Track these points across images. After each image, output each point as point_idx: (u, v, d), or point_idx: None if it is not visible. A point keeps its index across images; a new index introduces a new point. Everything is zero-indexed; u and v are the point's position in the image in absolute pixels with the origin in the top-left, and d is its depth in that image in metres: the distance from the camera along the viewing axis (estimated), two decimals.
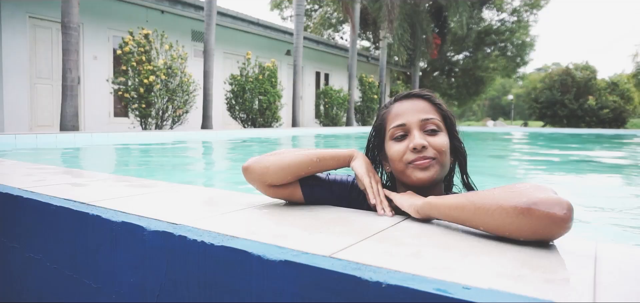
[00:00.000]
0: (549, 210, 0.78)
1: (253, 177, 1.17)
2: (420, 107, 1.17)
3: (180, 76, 9.72)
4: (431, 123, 1.15)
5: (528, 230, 0.81)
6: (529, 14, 26.76)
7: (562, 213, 0.78)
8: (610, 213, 2.81)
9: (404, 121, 1.16)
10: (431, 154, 1.11)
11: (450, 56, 28.08)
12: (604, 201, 3.28)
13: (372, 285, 0.66)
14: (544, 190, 0.82)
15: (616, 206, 3.06)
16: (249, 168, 1.17)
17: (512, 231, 0.84)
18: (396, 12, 17.06)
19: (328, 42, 19.54)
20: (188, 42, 13.26)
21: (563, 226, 0.79)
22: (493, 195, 0.88)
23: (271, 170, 1.14)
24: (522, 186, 0.85)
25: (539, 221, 0.79)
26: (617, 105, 22.13)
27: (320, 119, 16.54)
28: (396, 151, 1.15)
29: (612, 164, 6.32)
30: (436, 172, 1.11)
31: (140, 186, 1.55)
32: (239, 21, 13.92)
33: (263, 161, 1.15)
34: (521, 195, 0.82)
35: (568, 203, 0.79)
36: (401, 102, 1.21)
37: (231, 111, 12.07)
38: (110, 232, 1.07)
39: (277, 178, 1.15)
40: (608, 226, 2.41)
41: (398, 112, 1.19)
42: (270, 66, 12.26)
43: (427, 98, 1.20)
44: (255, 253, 0.80)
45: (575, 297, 0.61)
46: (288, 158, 1.14)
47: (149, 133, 8.28)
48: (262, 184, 1.17)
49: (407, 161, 1.12)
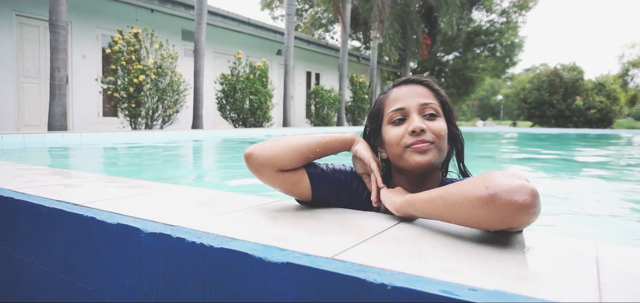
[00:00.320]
0: (510, 197, 0.77)
1: (260, 162, 1.10)
2: (418, 92, 1.16)
3: (171, 76, 9.65)
4: (430, 107, 1.14)
5: (493, 220, 0.80)
6: (517, 15, 27.04)
7: (522, 200, 0.76)
8: (598, 212, 2.84)
9: (403, 105, 1.15)
10: (430, 138, 1.10)
11: (440, 56, 28.26)
12: (596, 200, 3.32)
13: (376, 287, 0.65)
14: (508, 177, 0.81)
15: (607, 205, 3.10)
16: (253, 153, 1.10)
17: (479, 222, 0.83)
18: (387, 12, 17.11)
19: (319, 42, 19.54)
20: (178, 41, 13.16)
21: (525, 212, 0.77)
22: (460, 188, 0.88)
23: (281, 152, 1.09)
24: (487, 175, 0.84)
25: (502, 210, 0.78)
26: (603, 105, 22.45)
27: (311, 119, 16.53)
28: (394, 134, 1.14)
29: (599, 163, 6.41)
30: (434, 156, 1.10)
31: (133, 187, 1.52)
32: (229, 20, 13.86)
33: (270, 145, 1.10)
34: (484, 184, 0.82)
35: (531, 189, 0.77)
36: (399, 87, 1.21)
37: (222, 111, 12.01)
38: (105, 234, 1.05)
39: (287, 160, 1.10)
40: (599, 225, 2.44)
41: (397, 96, 1.18)
42: (261, 65, 12.23)
43: (426, 84, 1.19)
44: (256, 255, 0.79)
45: (582, 297, 0.60)
46: (296, 140, 1.12)
47: (139, 133, 8.20)
48: (270, 169, 1.10)
49: (406, 144, 1.11)
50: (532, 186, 0.78)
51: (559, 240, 0.91)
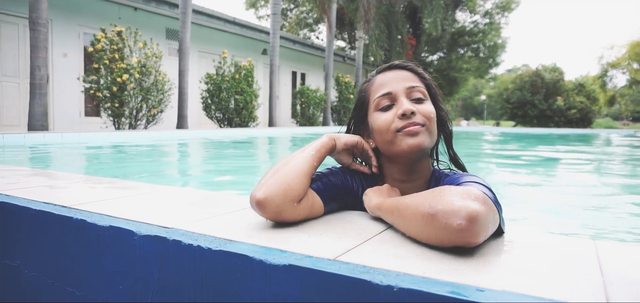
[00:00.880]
0: (446, 219, 0.77)
1: (278, 203, 0.95)
2: (404, 76, 1.14)
3: (155, 75, 9.51)
4: (417, 91, 1.12)
5: (435, 239, 0.80)
6: (500, 16, 27.42)
7: (456, 224, 0.75)
8: (586, 209, 2.88)
9: (390, 90, 1.12)
10: (420, 120, 1.08)
11: (424, 56, 28.48)
12: (582, 198, 3.38)
13: (383, 289, 0.64)
14: (454, 196, 0.80)
15: (593, 203, 3.15)
16: (267, 197, 0.94)
17: (425, 239, 0.82)
18: (373, 12, 17.18)
19: (304, 42, 19.51)
20: (162, 40, 12.99)
21: (461, 236, 0.76)
22: (414, 201, 0.88)
23: (292, 182, 0.98)
24: (437, 193, 0.84)
25: (440, 231, 0.78)
26: (584, 106, 22.92)
27: (297, 119, 16.49)
28: (384, 120, 1.11)
29: (586, 161, 6.53)
30: (426, 139, 1.07)
31: (123, 189, 1.49)
32: (214, 20, 13.74)
33: (276, 181, 0.97)
34: (428, 202, 0.82)
35: (468, 213, 0.75)
36: (384, 73, 1.18)
37: (207, 111, 11.90)
38: (96, 237, 1.02)
39: (301, 187, 0.99)
40: (589, 222, 2.48)
41: (382, 82, 1.15)
42: (247, 65, 12.15)
43: (410, 68, 1.17)
44: (257, 258, 0.77)
45: (589, 297, 0.60)
46: (295, 165, 1.02)
47: (122, 133, 8.07)
48: (290, 204, 0.96)
49: (396, 128, 1.08)
50: (473, 209, 0.76)
51: (559, 239, 0.91)
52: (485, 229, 0.79)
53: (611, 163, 6.55)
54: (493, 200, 0.87)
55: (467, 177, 1.01)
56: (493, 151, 8.30)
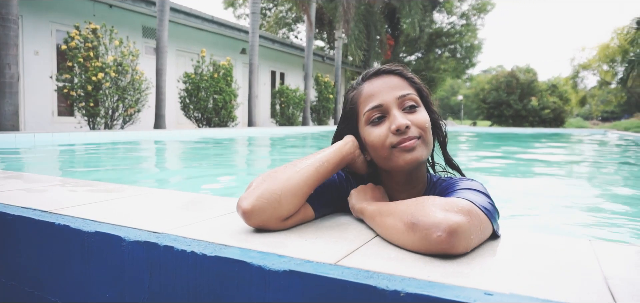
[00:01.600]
0: (426, 231, 0.78)
1: (264, 217, 0.92)
2: (393, 84, 1.07)
3: (132, 74, 9.30)
4: (408, 99, 1.05)
5: (415, 248, 0.80)
6: (476, 17, 27.90)
7: (435, 236, 0.76)
8: (568, 208, 2.94)
9: (380, 102, 1.05)
10: (415, 133, 1.02)
11: (402, 57, 28.74)
12: (562, 197, 3.45)
13: (389, 294, 0.63)
14: (436, 208, 0.80)
15: (568, 201, 3.22)
16: (254, 209, 0.91)
17: (405, 246, 0.82)
18: (352, 12, 17.22)
19: (284, 41, 19.42)
20: (139, 38, 12.72)
21: (439, 248, 0.77)
22: (396, 209, 0.88)
23: (284, 201, 0.93)
24: (419, 203, 0.84)
25: (419, 241, 0.79)
26: (557, 106, 23.53)
27: (276, 118, 16.41)
28: (377, 136, 1.04)
29: (569, 161, 6.69)
30: (422, 152, 1.03)
31: (105, 191, 1.43)
32: (192, 18, 13.53)
33: (270, 194, 0.92)
34: (412, 211, 0.82)
35: (449, 226, 0.76)
36: (371, 81, 1.10)
37: (185, 110, 11.71)
38: (81, 244, 0.97)
39: (292, 206, 0.95)
40: (575, 220, 2.53)
41: (371, 92, 1.07)
42: (226, 64, 12.01)
43: (399, 72, 1.10)
44: (255, 264, 0.75)
45: (596, 297, 0.60)
46: (294, 179, 0.96)
47: (98, 133, 7.86)
48: (276, 220, 0.93)
49: (391, 144, 1.02)
50: (454, 222, 0.76)
51: (556, 240, 0.92)
52: (467, 240, 0.79)
53: (587, 162, 6.72)
54: (484, 209, 0.86)
55: (463, 183, 1.00)
56: (474, 151, 8.42)
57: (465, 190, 0.94)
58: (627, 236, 2.23)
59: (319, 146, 8.80)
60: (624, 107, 36.61)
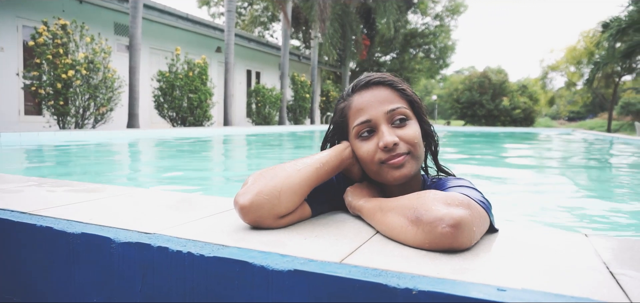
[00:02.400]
0: (430, 226, 0.77)
1: (261, 214, 0.90)
2: (383, 97, 1.04)
3: (104, 72, 9.04)
4: (398, 113, 1.03)
5: (418, 243, 0.79)
6: (450, 19, 28.38)
7: (440, 230, 0.76)
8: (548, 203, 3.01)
9: (369, 117, 1.03)
10: (404, 149, 1.01)
11: (377, 57, 28.96)
12: (538, 192, 3.53)
13: (400, 293, 0.61)
14: (438, 203, 0.80)
15: (546, 196, 3.30)
16: (252, 204, 0.90)
17: (407, 242, 0.82)
18: (328, 11, 17.24)
19: (259, 40, 19.26)
20: (111, 35, 12.38)
21: (444, 242, 0.76)
22: (397, 205, 0.87)
23: (284, 198, 0.92)
24: (422, 197, 0.83)
25: (423, 236, 0.78)
26: (527, 106, 24.18)
27: (252, 118, 16.26)
28: (366, 151, 1.03)
29: (545, 157, 6.86)
30: (412, 167, 1.02)
31: (86, 192, 1.37)
32: (166, 15, 13.27)
33: (270, 191, 0.91)
34: (414, 206, 0.82)
35: (453, 220, 0.76)
36: (361, 93, 1.07)
37: (159, 109, 11.47)
38: (66, 246, 0.92)
39: (291, 204, 0.94)
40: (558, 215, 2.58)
41: (359, 106, 1.06)
42: (201, 62, 11.82)
43: (389, 84, 1.07)
44: (257, 264, 0.72)
45: (606, 291, 0.60)
46: (294, 178, 0.95)
47: (68, 133, 7.60)
48: (273, 218, 0.92)
49: (380, 160, 1.02)
50: (458, 215, 0.76)
51: (553, 233, 0.92)
52: (470, 234, 0.79)
53: (560, 159, 6.92)
54: (482, 203, 0.87)
55: (454, 182, 1.01)
56: (451, 149, 8.56)
57: (459, 186, 0.95)
58: (611, 228, 2.29)
59: (297, 145, 8.76)
60: (589, 107, 37.97)
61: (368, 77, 1.09)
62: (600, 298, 0.58)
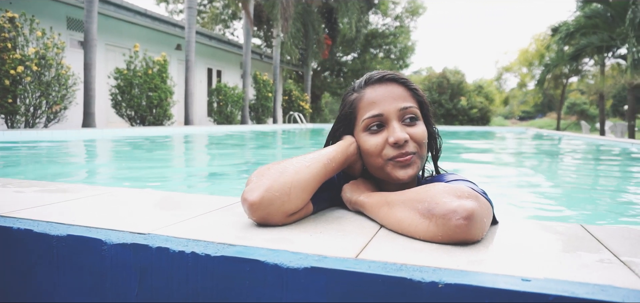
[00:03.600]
0: (444, 218, 0.77)
1: (270, 210, 0.87)
2: (396, 94, 1.04)
3: (57, 68, 8.59)
4: (409, 111, 1.03)
5: (430, 236, 0.79)
6: (409, 20, 28.97)
7: (454, 222, 0.76)
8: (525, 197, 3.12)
9: (381, 111, 1.03)
10: (412, 148, 1.01)
11: (339, 57, 29.14)
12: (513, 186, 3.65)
13: (426, 287, 0.60)
14: (448, 195, 0.79)
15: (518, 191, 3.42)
16: (262, 200, 0.86)
17: (418, 235, 0.81)
18: (291, 10, 17.17)
19: (221, 38, 18.90)
20: (64, 30, 11.78)
21: (459, 234, 0.76)
22: (406, 197, 0.87)
23: (294, 195, 0.89)
24: (431, 190, 0.83)
25: (437, 229, 0.78)
26: (483, 105, 25.04)
27: (213, 117, 15.95)
28: (374, 145, 1.02)
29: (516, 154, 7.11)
30: (417, 168, 1.02)
31: (60, 192, 1.28)
32: (123, 10, 12.77)
33: (280, 187, 0.88)
34: (425, 198, 0.82)
35: (466, 212, 0.76)
36: (374, 87, 1.07)
37: (117, 108, 11.02)
38: (48, 250, 0.85)
39: (300, 201, 0.91)
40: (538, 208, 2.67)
41: (372, 99, 1.05)
42: (161, 60, 11.46)
43: (403, 82, 1.07)
44: (270, 262, 0.69)
45: (622, 277, 0.61)
46: (303, 174, 0.92)
47: (18, 132, 7.16)
48: (282, 215, 0.89)
49: (387, 157, 1.01)
50: (470, 207, 0.76)
51: (551, 225, 0.94)
52: (482, 225, 0.79)
53: (524, 155, 7.20)
54: (482, 194, 0.87)
55: (451, 176, 1.01)
56: None
57: (459, 180, 0.95)
58: (592, 218, 2.39)
59: (260, 146, 8.66)
60: (538, 107, 39.87)
61: (382, 73, 1.08)
62: (621, 284, 0.59)
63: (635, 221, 2.36)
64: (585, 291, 0.56)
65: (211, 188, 3.39)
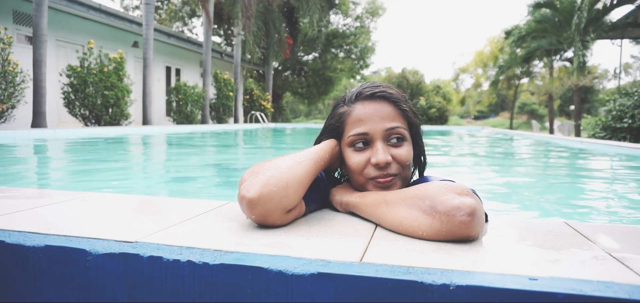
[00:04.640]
0: (448, 216, 0.78)
1: (269, 207, 0.85)
2: (385, 113, 1.03)
3: (3, 65, 8.09)
4: (396, 132, 1.02)
5: (433, 234, 0.80)
6: (369, 21, 29.35)
7: (458, 219, 0.77)
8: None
9: (367, 130, 1.02)
10: (394, 170, 1.01)
11: (300, 56, 29.12)
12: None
13: (437, 289, 0.60)
14: (447, 193, 0.81)
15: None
16: (261, 196, 0.84)
17: (419, 233, 0.82)
18: (253, 9, 16.98)
19: (180, 36, 18.42)
20: (9, 24, 11.10)
21: (463, 231, 0.78)
22: (406, 195, 0.87)
23: (291, 189, 0.88)
24: (431, 187, 0.84)
25: (441, 227, 0.79)
26: (441, 105, 25.74)
27: (173, 116, 15.53)
28: (356, 163, 1.03)
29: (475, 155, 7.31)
30: (397, 189, 1.00)
31: (27, 198, 1.20)
32: (76, 5, 12.17)
33: (277, 182, 0.87)
34: (426, 198, 0.82)
35: (469, 208, 0.77)
36: (364, 104, 1.05)
37: (70, 107, 10.49)
38: (24, 262, 0.79)
39: (296, 196, 0.90)
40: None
41: (360, 116, 1.04)
42: (117, 57, 11.03)
43: (394, 101, 1.05)
44: (274, 268, 0.67)
45: (621, 273, 0.63)
46: (297, 169, 0.92)
47: None
48: (281, 211, 0.88)
49: (368, 176, 1.02)
50: (472, 204, 0.78)
51: (533, 222, 0.97)
52: (482, 222, 0.81)
53: (491, 155, 7.44)
54: (474, 192, 0.89)
55: (437, 177, 1.03)
56: None
57: (445, 180, 0.97)
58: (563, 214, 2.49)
59: (223, 145, 8.50)
60: (492, 107, 41.48)
61: (374, 89, 1.06)
62: (621, 280, 0.61)
63: (593, 214, 2.49)
64: (591, 288, 0.57)
65: (181, 190, 3.29)
